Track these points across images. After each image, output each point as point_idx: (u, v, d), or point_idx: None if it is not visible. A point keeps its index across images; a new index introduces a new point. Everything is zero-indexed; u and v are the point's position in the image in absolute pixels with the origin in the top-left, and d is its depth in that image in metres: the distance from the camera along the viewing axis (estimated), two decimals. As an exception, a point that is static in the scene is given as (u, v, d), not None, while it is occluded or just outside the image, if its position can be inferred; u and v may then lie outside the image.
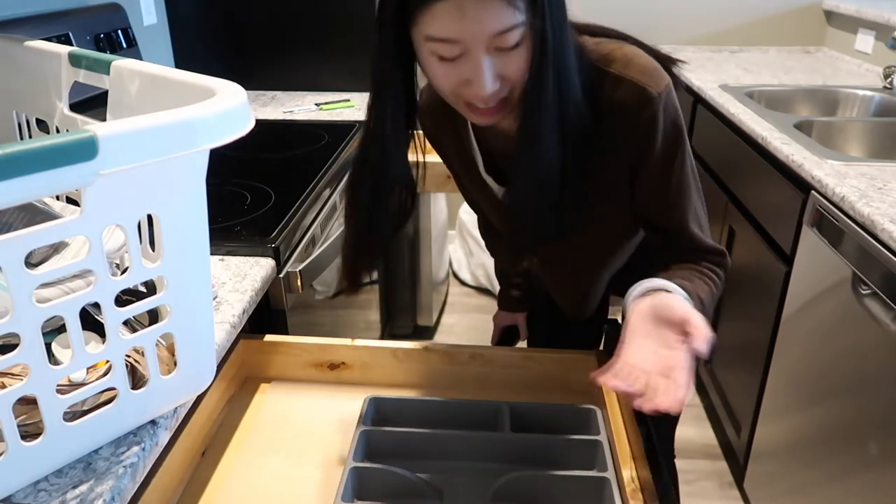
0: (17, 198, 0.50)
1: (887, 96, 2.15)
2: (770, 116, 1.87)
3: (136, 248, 0.63)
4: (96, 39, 1.62)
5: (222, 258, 1.09)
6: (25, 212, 0.82)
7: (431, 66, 0.78)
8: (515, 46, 0.75)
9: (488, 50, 0.75)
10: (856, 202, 1.30)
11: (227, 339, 0.91)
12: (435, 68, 0.78)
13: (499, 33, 0.73)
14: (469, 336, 2.61)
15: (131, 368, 0.70)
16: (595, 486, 0.82)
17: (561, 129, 0.83)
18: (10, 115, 0.96)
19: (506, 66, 0.77)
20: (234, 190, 1.37)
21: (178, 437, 0.83)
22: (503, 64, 0.76)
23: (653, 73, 0.84)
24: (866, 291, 1.30)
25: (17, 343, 0.57)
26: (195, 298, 0.71)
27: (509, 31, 0.73)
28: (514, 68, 0.77)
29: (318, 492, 0.84)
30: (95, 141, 0.52)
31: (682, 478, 1.99)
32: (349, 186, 0.94)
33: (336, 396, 1.01)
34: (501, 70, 0.77)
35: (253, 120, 0.65)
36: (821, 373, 1.46)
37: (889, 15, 2.31)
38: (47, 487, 0.65)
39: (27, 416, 0.65)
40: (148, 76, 0.77)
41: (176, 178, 0.63)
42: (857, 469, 1.33)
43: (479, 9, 0.71)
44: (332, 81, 2.19)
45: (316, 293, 1.38)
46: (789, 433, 1.60)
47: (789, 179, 1.61)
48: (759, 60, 2.69)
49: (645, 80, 0.83)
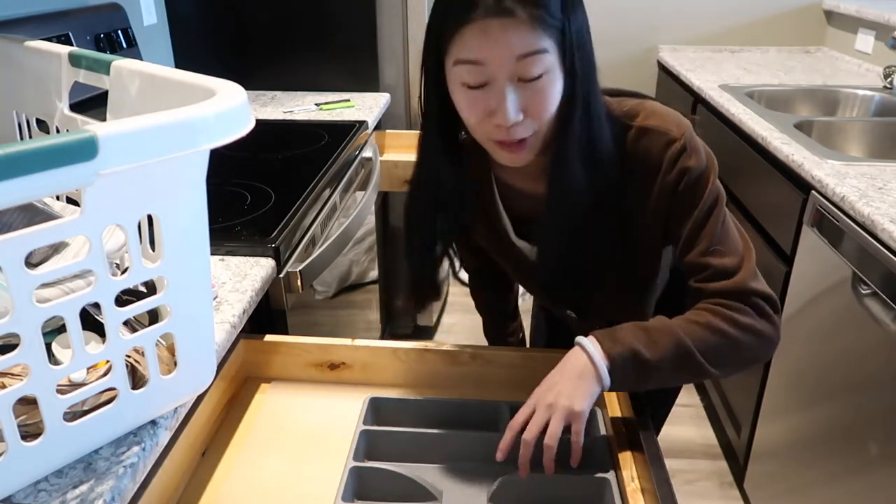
0: (17, 198, 0.50)
1: (887, 96, 2.15)
2: (770, 116, 1.87)
3: (136, 248, 0.63)
4: (96, 39, 1.62)
5: (222, 258, 1.09)
6: (25, 212, 0.82)
7: (459, 96, 0.81)
8: (539, 77, 0.77)
9: (511, 78, 0.77)
10: (856, 202, 1.30)
11: (227, 339, 0.91)
12: (462, 98, 0.81)
13: (522, 56, 0.75)
14: (469, 336, 2.61)
15: (131, 368, 0.70)
16: (595, 487, 0.82)
17: (590, 175, 0.85)
18: (10, 115, 0.96)
19: (530, 99, 0.78)
20: (234, 190, 1.37)
21: (178, 437, 0.83)
22: (527, 96, 0.78)
23: (674, 119, 0.87)
24: (866, 291, 1.30)
25: (17, 343, 0.57)
26: (195, 298, 0.71)
27: (532, 55, 0.75)
28: (538, 102, 0.79)
29: (318, 492, 0.84)
30: (95, 141, 0.52)
31: (682, 478, 1.99)
32: (408, 209, 0.99)
33: (336, 396, 1.01)
34: (526, 102, 0.78)
35: (253, 120, 0.65)
36: (821, 373, 1.46)
37: (889, 15, 2.31)
38: (47, 487, 0.65)
39: (27, 416, 0.65)
40: (148, 76, 0.77)
41: (176, 179, 0.63)
42: (857, 469, 1.33)
43: (502, 30, 0.74)
44: (332, 81, 2.19)
45: (316, 293, 1.38)
46: (789, 433, 1.60)
47: (789, 179, 1.61)
48: (759, 60, 2.69)
49: (667, 125, 0.86)
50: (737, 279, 0.85)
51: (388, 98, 2.15)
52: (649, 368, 0.82)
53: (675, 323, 0.84)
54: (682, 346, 0.82)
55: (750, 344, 0.84)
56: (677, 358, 0.82)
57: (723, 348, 0.83)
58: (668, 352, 0.82)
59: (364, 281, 1.85)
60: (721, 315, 0.84)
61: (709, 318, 0.84)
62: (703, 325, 0.83)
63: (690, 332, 0.83)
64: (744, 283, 0.85)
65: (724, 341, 0.83)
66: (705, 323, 0.83)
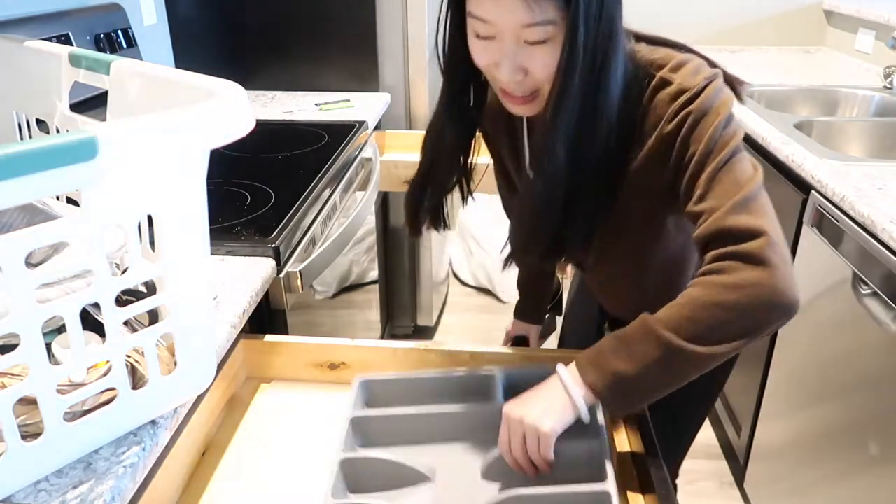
0: (17, 198, 0.50)
1: (887, 96, 2.15)
2: (770, 116, 1.87)
3: (136, 248, 0.63)
4: (96, 39, 1.62)
5: (222, 258, 1.09)
6: (25, 212, 0.82)
7: (472, 42, 0.84)
8: (543, 42, 0.79)
9: (517, 40, 0.79)
10: (856, 202, 1.30)
11: (227, 339, 0.91)
12: (474, 44, 0.84)
13: (526, 25, 0.77)
14: (469, 336, 2.61)
15: (131, 368, 0.71)
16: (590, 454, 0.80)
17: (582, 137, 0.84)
18: (10, 115, 0.96)
19: (531, 60, 0.80)
20: (234, 190, 1.37)
21: (178, 437, 0.83)
22: (528, 56, 0.80)
23: (693, 69, 0.83)
24: (866, 291, 1.30)
25: (17, 343, 0.57)
26: (195, 298, 0.71)
27: (536, 25, 0.77)
28: (539, 64, 0.80)
29: (318, 490, 0.84)
30: (95, 141, 0.52)
31: (682, 478, 1.99)
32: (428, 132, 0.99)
33: (336, 396, 1.01)
34: (526, 62, 0.81)
35: (253, 120, 0.65)
36: (821, 373, 1.46)
37: (889, 15, 2.31)
38: (47, 487, 0.65)
39: (27, 416, 0.65)
40: (148, 76, 0.77)
41: (176, 179, 0.63)
42: (857, 469, 1.33)
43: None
44: (332, 81, 2.19)
45: (316, 293, 1.38)
46: (789, 433, 1.60)
47: (789, 179, 1.61)
48: (759, 60, 2.69)
49: (685, 77, 0.82)
50: (713, 219, 0.76)
51: (388, 98, 2.15)
52: (638, 385, 0.75)
53: (658, 318, 0.75)
54: (665, 344, 0.73)
55: (746, 305, 0.72)
56: (665, 360, 0.73)
57: (713, 323, 0.72)
58: (651, 359, 0.74)
59: (364, 281, 1.86)
60: (703, 284, 0.74)
61: (692, 294, 0.74)
62: (686, 306, 0.74)
63: (673, 322, 0.74)
64: (718, 223, 0.75)
65: (711, 315, 0.73)
66: (688, 302, 0.74)
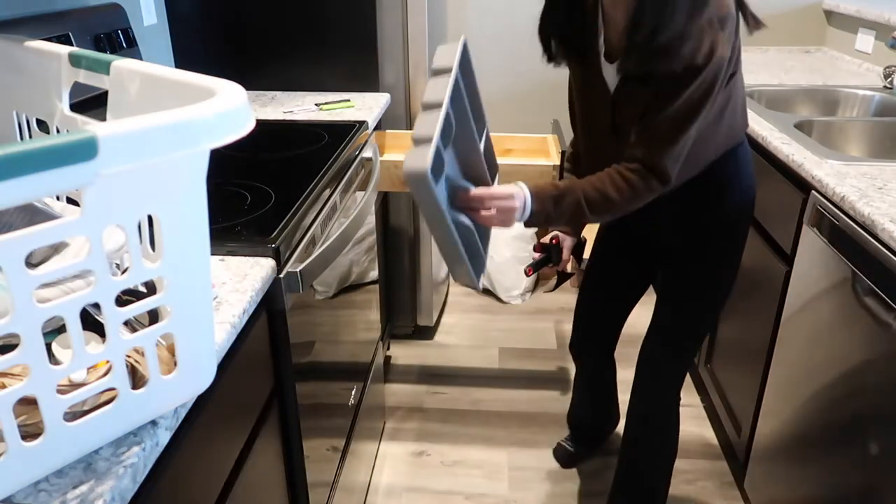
0: (17, 198, 0.50)
1: (887, 96, 2.15)
2: (770, 116, 1.87)
3: (136, 249, 0.63)
4: (96, 39, 1.62)
5: (222, 258, 1.09)
6: (25, 212, 0.82)
7: None
8: None
9: None
10: (856, 202, 1.30)
11: (228, 339, 0.91)
12: None
13: None
14: (469, 336, 2.61)
15: (131, 368, 0.71)
16: None
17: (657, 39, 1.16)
18: (10, 115, 0.96)
19: None
20: (234, 190, 1.37)
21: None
22: None
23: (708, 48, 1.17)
24: (866, 291, 1.30)
25: (17, 343, 0.57)
26: (195, 298, 0.71)
27: None
28: None
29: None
30: (95, 141, 0.52)
31: (682, 478, 1.99)
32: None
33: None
34: None
35: (253, 120, 0.65)
36: (821, 372, 1.46)
37: (889, 15, 2.31)
38: (47, 488, 0.65)
39: (27, 416, 0.65)
40: (148, 76, 0.77)
41: (176, 179, 0.63)
42: (856, 469, 1.33)
43: None
44: (332, 81, 2.19)
45: (316, 293, 1.38)
46: (789, 433, 1.60)
47: (789, 179, 1.61)
48: (759, 60, 2.69)
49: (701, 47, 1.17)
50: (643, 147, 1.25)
51: (388, 98, 2.15)
52: (551, 221, 1.30)
53: (583, 185, 1.26)
54: (579, 207, 1.26)
55: (625, 202, 1.26)
56: (573, 214, 1.27)
57: (605, 205, 1.26)
58: (567, 210, 1.27)
59: (364, 281, 1.85)
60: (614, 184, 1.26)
61: (607, 183, 1.26)
62: (600, 190, 1.25)
63: (590, 196, 1.25)
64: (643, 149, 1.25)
65: (608, 201, 1.25)
66: (602, 188, 1.25)
